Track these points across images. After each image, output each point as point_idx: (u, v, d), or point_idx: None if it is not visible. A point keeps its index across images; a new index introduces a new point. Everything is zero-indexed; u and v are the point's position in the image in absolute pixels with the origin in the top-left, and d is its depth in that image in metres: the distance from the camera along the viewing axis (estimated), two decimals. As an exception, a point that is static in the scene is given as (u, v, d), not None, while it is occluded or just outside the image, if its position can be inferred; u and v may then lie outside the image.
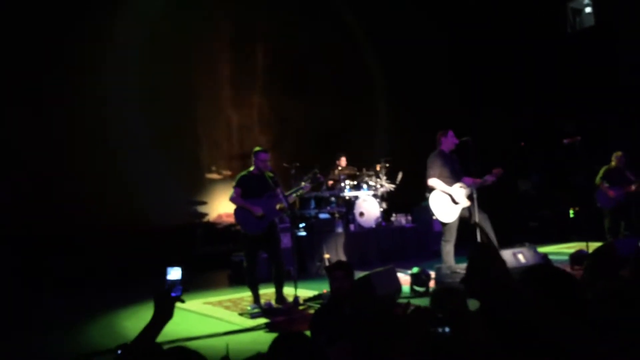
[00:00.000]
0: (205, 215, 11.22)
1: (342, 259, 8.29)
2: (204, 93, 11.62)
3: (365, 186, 9.64)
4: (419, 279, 6.22)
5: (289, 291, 6.15)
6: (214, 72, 11.71)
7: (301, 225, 9.23)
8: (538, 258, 6.24)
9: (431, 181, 6.49)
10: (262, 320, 5.45)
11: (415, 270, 6.32)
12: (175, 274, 2.05)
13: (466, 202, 6.42)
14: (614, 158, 8.58)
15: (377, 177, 9.84)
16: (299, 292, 5.99)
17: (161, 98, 10.60)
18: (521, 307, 1.84)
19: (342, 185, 9.54)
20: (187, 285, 2.06)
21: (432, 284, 6.25)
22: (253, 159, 6.10)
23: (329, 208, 9.58)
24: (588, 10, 13.05)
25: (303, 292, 6.32)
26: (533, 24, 12.61)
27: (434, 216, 6.86)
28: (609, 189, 8.44)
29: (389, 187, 9.83)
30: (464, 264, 5.84)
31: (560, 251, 8.82)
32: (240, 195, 5.98)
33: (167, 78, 10.55)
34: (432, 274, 6.38)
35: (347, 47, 13.12)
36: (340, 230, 9.15)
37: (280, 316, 5.59)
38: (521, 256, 5.99)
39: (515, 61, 12.82)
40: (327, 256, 8.56)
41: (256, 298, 6.04)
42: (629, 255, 2.97)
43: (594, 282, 2.28)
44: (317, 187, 9.35)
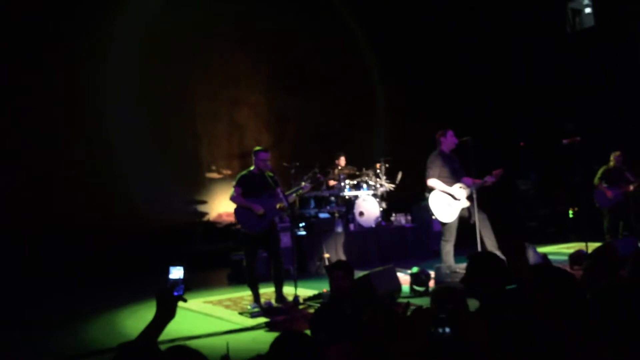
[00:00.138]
0: (205, 214, 11.22)
1: (342, 259, 8.30)
2: (203, 92, 11.62)
3: (365, 186, 9.64)
4: (418, 279, 6.23)
5: (288, 290, 6.16)
6: (214, 70, 11.70)
7: (301, 224, 9.22)
8: (538, 258, 6.26)
9: (431, 181, 6.50)
10: (262, 320, 5.46)
11: (414, 269, 6.33)
12: (177, 273, 2.05)
13: (466, 203, 6.43)
14: (613, 158, 8.58)
15: (377, 176, 9.84)
16: (298, 291, 5.99)
17: (161, 97, 10.59)
18: (521, 307, 1.84)
19: (342, 184, 9.54)
20: (188, 284, 2.06)
21: (431, 283, 6.26)
22: (253, 158, 6.11)
23: (328, 207, 9.58)
24: (588, 10, 13.06)
25: (303, 292, 6.32)
26: (533, 24, 12.62)
27: (433, 216, 6.87)
28: (607, 189, 8.44)
29: (389, 186, 9.82)
30: (464, 263, 5.85)
31: (559, 251, 8.82)
32: (241, 194, 5.99)
33: (167, 76, 10.53)
34: (431, 273, 6.39)
35: (347, 46, 13.11)
36: (340, 229, 9.15)
37: (280, 315, 5.60)
38: (521, 256, 5.98)
39: (515, 61, 12.83)
40: (326, 256, 8.56)
41: (256, 297, 6.04)
42: (628, 255, 2.99)
43: (594, 282, 2.28)
44: (317, 187, 9.35)
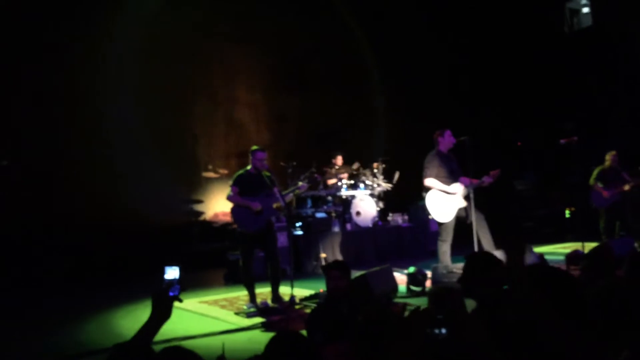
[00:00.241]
0: (201, 213, 11.20)
1: (339, 258, 8.29)
2: (201, 91, 11.60)
3: (362, 185, 9.64)
4: (415, 279, 6.23)
5: (285, 290, 6.15)
6: (212, 70, 11.68)
7: (298, 224, 9.21)
8: (534, 258, 6.26)
9: (428, 181, 6.50)
10: (258, 320, 5.45)
11: (411, 269, 6.32)
12: (173, 273, 2.04)
13: (463, 203, 6.43)
14: (608, 158, 8.58)
15: (374, 176, 9.83)
16: (295, 291, 5.98)
17: (160, 96, 10.57)
18: (520, 307, 1.84)
19: (339, 184, 9.53)
20: (184, 284, 2.05)
21: (428, 283, 6.26)
22: (250, 157, 6.10)
23: (325, 207, 9.57)
24: (586, 10, 13.09)
25: (299, 292, 6.31)
26: (531, 23, 12.63)
27: (430, 216, 6.87)
28: (603, 189, 8.45)
29: (386, 186, 9.82)
30: (461, 263, 5.85)
31: (556, 251, 8.83)
32: (238, 193, 5.98)
33: (166, 76, 10.51)
34: (428, 273, 6.39)
35: (346, 46, 13.10)
36: (336, 229, 9.15)
37: (276, 315, 5.59)
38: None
39: (513, 61, 12.84)
40: (323, 255, 8.55)
41: (252, 297, 6.03)
42: (625, 255, 2.99)
43: (591, 282, 2.28)
44: (314, 186, 9.33)
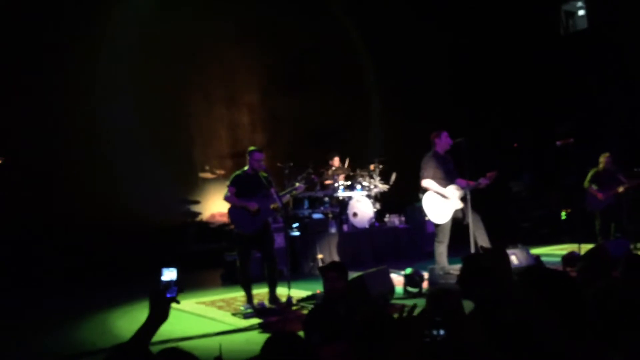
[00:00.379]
0: (198, 214, 11.19)
1: (336, 259, 8.29)
2: (199, 92, 11.60)
3: (358, 186, 9.64)
4: (412, 280, 6.24)
5: (282, 291, 6.15)
6: (208, 70, 11.67)
7: (295, 225, 9.21)
8: (531, 260, 6.28)
9: (425, 182, 6.51)
10: (255, 321, 5.45)
11: (408, 271, 6.33)
12: (170, 274, 2.04)
13: (459, 204, 6.44)
14: (602, 160, 8.58)
15: (371, 177, 9.84)
16: (292, 292, 5.99)
17: (158, 97, 10.57)
18: (518, 308, 1.84)
19: (336, 185, 9.54)
20: (182, 286, 2.05)
21: (425, 284, 6.27)
22: (247, 158, 6.10)
23: (322, 208, 9.57)
24: (581, 13, 13.14)
25: (296, 293, 6.31)
26: (527, 26, 12.67)
27: (426, 217, 6.88)
28: (597, 191, 8.46)
29: (383, 187, 9.83)
30: (458, 265, 5.85)
31: (552, 252, 8.83)
32: (235, 194, 5.98)
33: (161, 76, 10.50)
34: (425, 274, 6.40)
35: (343, 47, 13.12)
36: (333, 230, 9.15)
37: (273, 316, 5.58)
38: (514, 257, 6.01)
39: (509, 63, 12.87)
40: (320, 256, 8.55)
41: (249, 298, 6.02)
42: (620, 257, 3.01)
43: (589, 283, 2.29)
44: (311, 187, 9.33)
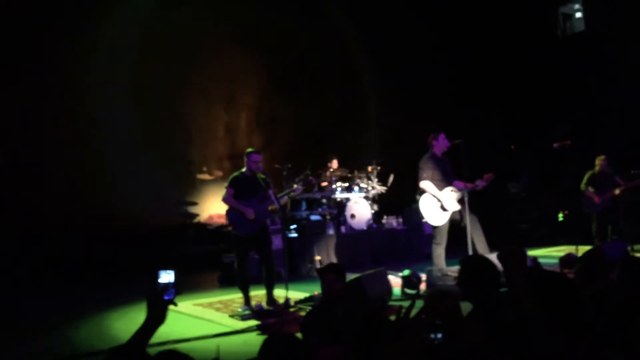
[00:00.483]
0: (196, 215, 11.18)
1: (333, 261, 8.30)
2: (195, 93, 11.59)
3: (356, 188, 9.64)
4: (410, 282, 6.24)
5: (279, 293, 6.14)
6: (207, 71, 11.67)
7: (292, 226, 9.21)
8: (529, 261, 6.28)
9: (423, 184, 6.52)
10: (253, 322, 5.44)
11: (406, 272, 6.33)
12: (167, 277, 2.04)
13: (456, 207, 6.45)
14: (598, 163, 8.58)
15: (369, 179, 9.84)
16: (289, 293, 5.99)
17: (156, 97, 10.57)
18: (518, 309, 1.84)
19: (334, 187, 9.54)
20: (179, 288, 2.05)
21: (423, 286, 6.26)
22: (245, 159, 6.10)
23: (320, 210, 9.57)
24: (578, 15, 13.16)
25: (294, 294, 6.30)
26: (524, 28, 12.70)
27: (424, 219, 6.88)
28: (594, 194, 8.45)
29: (380, 189, 9.83)
30: (455, 266, 5.84)
31: (549, 254, 8.83)
32: (233, 196, 5.97)
33: (159, 78, 10.50)
34: (423, 276, 6.40)
35: (341, 48, 13.13)
36: (331, 232, 9.14)
37: (271, 318, 5.57)
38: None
39: (507, 65, 12.90)
40: (318, 258, 8.55)
41: (247, 299, 6.03)
42: (617, 259, 3.02)
43: (586, 285, 2.30)
44: (309, 189, 9.34)
